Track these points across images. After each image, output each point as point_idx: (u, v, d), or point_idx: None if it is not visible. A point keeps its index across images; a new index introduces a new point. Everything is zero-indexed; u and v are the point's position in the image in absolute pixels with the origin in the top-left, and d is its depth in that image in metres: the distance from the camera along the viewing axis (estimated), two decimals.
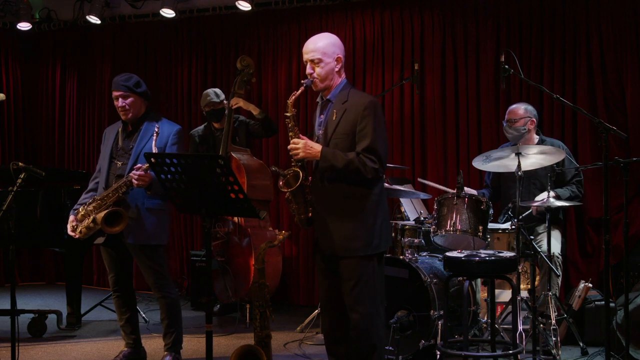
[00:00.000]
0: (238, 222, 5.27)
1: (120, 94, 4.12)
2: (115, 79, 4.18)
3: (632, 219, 5.06)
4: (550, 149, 4.21)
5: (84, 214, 4.06)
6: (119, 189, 3.96)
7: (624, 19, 5.25)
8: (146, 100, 4.21)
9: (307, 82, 3.38)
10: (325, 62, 3.35)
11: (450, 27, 5.81)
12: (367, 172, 3.24)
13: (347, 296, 3.32)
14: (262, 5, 6.41)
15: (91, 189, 4.25)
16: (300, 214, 3.40)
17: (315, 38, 3.42)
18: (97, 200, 4.03)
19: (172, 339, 4.15)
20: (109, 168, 4.15)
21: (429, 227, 4.41)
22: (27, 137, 7.56)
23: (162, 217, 4.13)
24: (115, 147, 4.18)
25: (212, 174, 3.11)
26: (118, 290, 4.26)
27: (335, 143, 3.32)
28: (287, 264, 6.10)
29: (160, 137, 4.01)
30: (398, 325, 3.85)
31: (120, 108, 4.13)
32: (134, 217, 4.02)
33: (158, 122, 4.09)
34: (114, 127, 4.29)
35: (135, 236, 4.03)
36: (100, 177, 4.19)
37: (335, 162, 3.25)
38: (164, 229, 4.17)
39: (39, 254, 7.39)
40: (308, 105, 6.15)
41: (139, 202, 4.03)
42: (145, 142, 4.07)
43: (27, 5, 6.95)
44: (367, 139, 3.25)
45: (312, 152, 3.29)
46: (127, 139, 4.17)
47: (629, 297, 3.80)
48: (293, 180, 3.34)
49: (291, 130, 3.35)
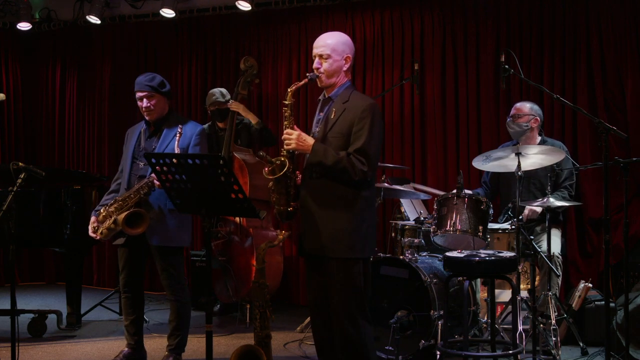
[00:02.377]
0: (240, 222, 5.27)
1: (144, 94, 4.06)
2: (139, 79, 4.11)
3: (632, 219, 5.05)
4: (550, 149, 4.21)
5: (106, 215, 4.02)
6: (140, 190, 3.92)
7: (624, 19, 5.25)
8: (169, 100, 4.17)
9: (312, 75, 3.37)
10: (333, 58, 3.35)
11: (450, 27, 5.81)
12: (355, 173, 3.22)
13: (332, 298, 3.31)
14: (262, 5, 6.42)
15: (113, 190, 4.21)
16: (280, 205, 3.38)
17: (328, 34, 3.44)
18: (118, 201, 3.99)
19: (177, 341, 4.13)
20: (131, 169, 4.11)
21: (429, 227, 4.41)
22: (27, 137, 7.55)
23: (184, 219, 4.09)
24: (138, 147, 4.14)
25: (212, 174, 3.11)
26: (128, 292, 4.21)
27: (330, 141, 3.31)
28: (287, 264, 6.10)
29: (184, 138, 3.96)
30: (398, 325, 3.84)
31: (145, 109, 4.08)
32: (156, 219, 3.98)
33: (183, 124, 4.03)
34: (137, 127, 4.25)
35: (159, 237, 4.01)
36: (122, 177, 4.14)
37: (324, 159, 3.24)
38: (186, 230, 4.14)
39: (39, 254, 7.39)
40: (308, 102, 6.16)
41: (162, 204, 3.99)
42: (168, 142, 4.03)
43: (27, 5, 6.95)
44: (361, 140, 3.24)
45: (304, 145, 3.29)
46: (149, 139, 4.13)
47: (629, 297, 3.80)
48: (278, 169, 3.32)
49: (287, 119, 3.34)
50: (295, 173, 3.42)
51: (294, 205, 3.39)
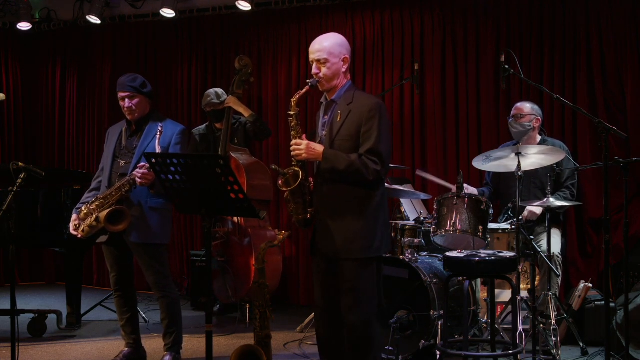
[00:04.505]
0: (238, 222, 5.27)
1: (126, 94, 4.11)
2: (121, 80, 4.16)
3: (632, 219, 5.05)
4: (550, 149, 4.21)
5: (87, 213, 4.05)
6: (122, 188, 3.96)
7: (624, 19, 5.25)
8: (150, 100, 4.22)
9: (312, 81, 3.35)
10: (331, 62, 3.32)
11: (450, 27, 5.81)
12: (368, 173, 3.22)
13: (346, 298, 3.30)
14: (262, 5, 6.42)
15: (94, 188, 4.24)
16: (299, 214, 3.39)
17: (322, 38, 3.39)
18: (100, 199, 4.03)
19: (172, 339, 4.15)
20: (112, 167, 4.15)
21: (429, 227, 4.41)
22: (27, 137, 7.56)
23: (164, 216, 4.13)
24: (119, 146, 4.19)
25: (212, 174, 3.11)
26: (119, 290, 4.26)
27: (339, 145, 3.30)
28: (287, 264, 6.10)
29: (164, 137, 4.01)
30: (398, 325, 3.85)
31: (127, 109, 4.13)
32: (137, 216, 4.02)
33: (162, 122, 4.09)
34: (118, 126, 4.30)
35: (138, 234, 4.03)
36: (104, 176, 4.18)
37: (337, 164, 3.24)
38: (167, 228, 4.18)
39: (39, 254, 7.39)
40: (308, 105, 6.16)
41: (142, 201, 4.04)
42: (149, 141, 4.07)
43: (27, 5, 6.95)
44: (371, 140, 3.23)
45: (314, 153, 3.28)
46: (130, 138, 4.17)
47: (629, 297, 3.80)
48: (292, 180, 3.33)
49: (294, 129, 3.33)
50: (309, 180, 3.41)
51: (310, 212, 3.39)
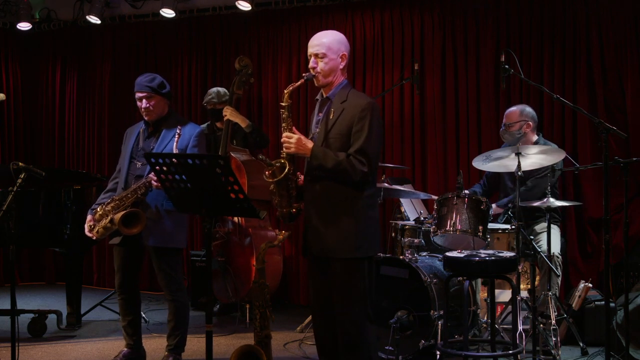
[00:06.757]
0: (238, 222, 5.27)
1: (143, 95, 4.06)
2: (139, 80, 4.11)
3: (632, 219, 5.06)
4: (550, 149, 4.21)
5: (102, 214, 4.02)
6: (137, 190, 3.92)
7: (624, 19, 5.25)
8: (169, 101, 4.16)
9: (308, 75, 3.35)
10: (329, 57, 3.32)
11: (450, 27, 5.81)
12: (355, 174, 3.21)
13: (336, 298, 3.30)
14: (262, 5, 6.41)
15: (110, 189, 4.21)
16: (283, 207, 3.38)
17: (322, 33, 3.41)
18: (115, 201, 3.99)
19: (176, 341, 4.13)
20: (129, 168, 4.11)
21: (429, 227, 4.41)
22: (27, 137, 7.55)
23: (180, 220, 4.09)
24: (136, 147, 4.14)
25: (212, 174, 3.11)
26: (123, 292, 4.21)
27: (331, 142, 3.30)
28: (287, 264, 6.10)
29: (182, 139, 3.97)
30: (398, 325, 3.85)
31: (144, 109, 4.08)
32: (153, 219, 3.97)
33: (182, 125, 4.03)
34: (136, 127, 4.25)
35: (155, 238, 4.00)
36: (120, 177, 4.14)
37: (324, 162, 3.23)
38: (182, 231, 4.13)
39: (39, 254, 7.38)
40: (308, 102, 6.16)
41: (158, 204, 3.99)
42: (167, 143, 4.03)
43: (27, 5, 6.94)
44: (360, 140, 3.23)
45: (304, 149, 3.27)
46: (148, 139, 4.13)
47: (629, 297, 3.80)
48: (279, 172, 3.32)
49: (285, 121, 3.32)
50: (296, 174, 3.41)
51: (296, 207, 3.39)
